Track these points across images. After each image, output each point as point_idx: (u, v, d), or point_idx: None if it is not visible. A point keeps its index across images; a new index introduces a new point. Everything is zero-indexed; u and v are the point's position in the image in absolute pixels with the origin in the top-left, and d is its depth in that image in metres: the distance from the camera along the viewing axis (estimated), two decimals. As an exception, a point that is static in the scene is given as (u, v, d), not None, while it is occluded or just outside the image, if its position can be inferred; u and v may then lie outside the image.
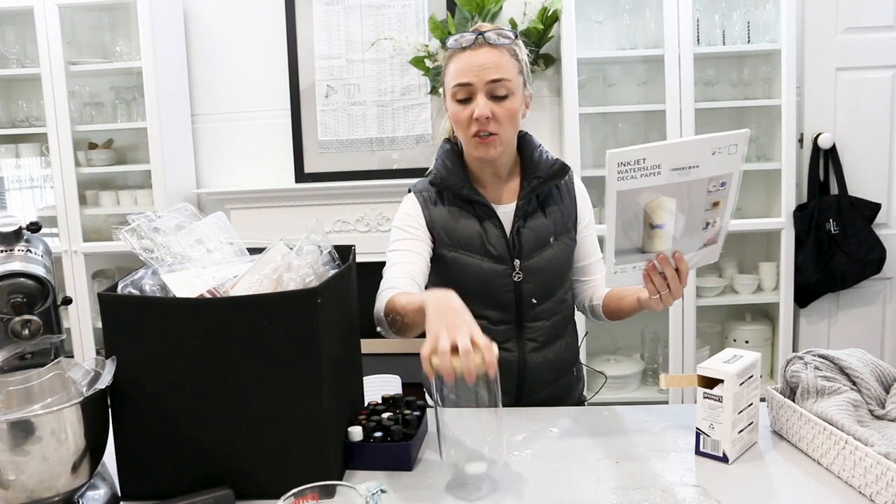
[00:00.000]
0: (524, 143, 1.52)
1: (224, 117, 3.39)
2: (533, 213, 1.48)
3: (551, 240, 1.48)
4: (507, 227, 1.47)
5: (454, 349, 1.00)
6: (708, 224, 1.18)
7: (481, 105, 1.37)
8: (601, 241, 1.33)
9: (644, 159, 1.07)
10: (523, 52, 1.45)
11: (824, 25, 2.86)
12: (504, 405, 1.20)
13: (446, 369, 0.99)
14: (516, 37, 1.42)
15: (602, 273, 1.51)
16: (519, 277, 1.46)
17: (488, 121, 1.38)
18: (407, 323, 1.28)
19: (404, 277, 1.40)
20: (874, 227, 2.86)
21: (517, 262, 1.46)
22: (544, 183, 1.47)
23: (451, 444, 1.10)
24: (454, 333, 1.01)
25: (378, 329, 1.43)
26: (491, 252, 1.46)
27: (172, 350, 1.09)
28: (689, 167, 1.09)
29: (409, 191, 1.55)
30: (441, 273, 1.50)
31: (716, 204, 1.17)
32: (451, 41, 1.42)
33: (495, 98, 1.39)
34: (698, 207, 1.16)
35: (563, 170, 1.49)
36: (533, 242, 1.47)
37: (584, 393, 1.67)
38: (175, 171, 3.21)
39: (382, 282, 1.43)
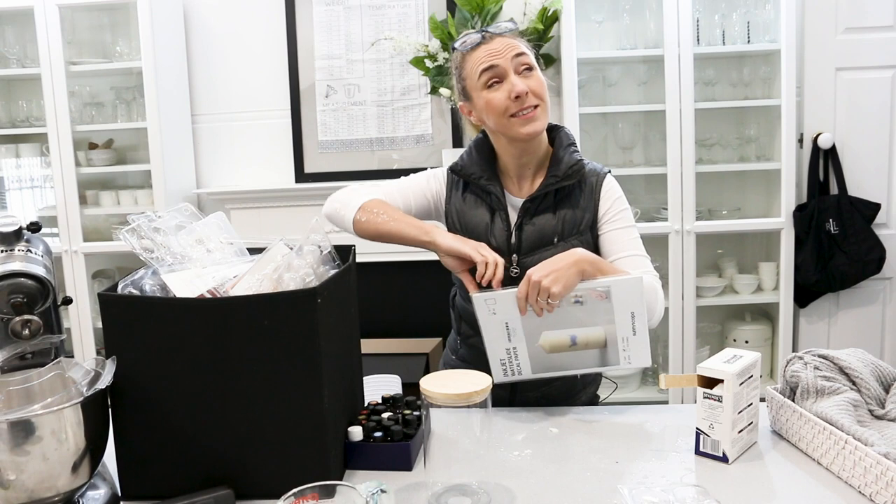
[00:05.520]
0: (557, 139, 1.51)
1: (224, 117, 3.39)
2: (543, 211, 1.46)
3: (556, 240, 1.46)
4: (515, 221, 1.47)
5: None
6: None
7: (516, 80, 1.37)
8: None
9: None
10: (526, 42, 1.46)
11: (824, 25, 2.86)
12: (496, 404, 1.21)
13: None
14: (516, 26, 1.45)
15: (637, 271, 1.44)
16: (516, 273, 1.45)
17: (528, 95, 1.38)
18: (388, 227, 1.43)
19: (381, 198, 1.50)
20: (874, 227, 2.86)
21: (515, 258, 1.46)
22: (559, 182, 1.45)
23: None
24: (483, 250, 1.34)
25: (327, 214, 1.52)
26: (492, 243, 1.44)
27: (172, 350, 1.09)
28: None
29: (450, 168, 1.56)
30: None
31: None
32: (458, 44, 1.43)
33: (524, 73, 1.39)
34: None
35: (578, 172, 1.45)
36: (535, 240, 1.46)
37: (597, 393, 1.64)
38: (175, 171, 3.21)
39: (356, 184, 1.56)
